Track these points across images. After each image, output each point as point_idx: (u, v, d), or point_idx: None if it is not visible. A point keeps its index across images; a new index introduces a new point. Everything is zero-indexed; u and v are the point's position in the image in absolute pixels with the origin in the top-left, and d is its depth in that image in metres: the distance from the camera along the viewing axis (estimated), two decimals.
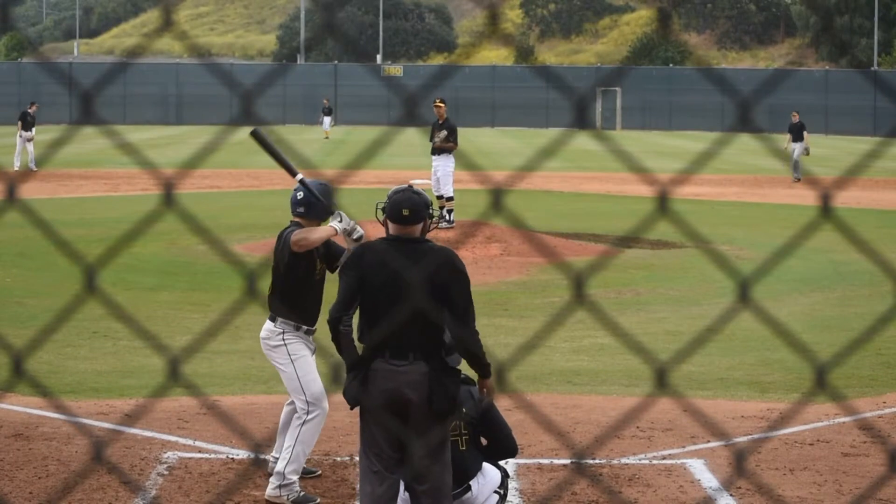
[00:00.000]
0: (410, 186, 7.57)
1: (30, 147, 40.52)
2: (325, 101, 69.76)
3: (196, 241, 22.36)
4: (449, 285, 7.16)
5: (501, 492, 8.19)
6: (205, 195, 32.34)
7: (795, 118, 39.46)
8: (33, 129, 40.81)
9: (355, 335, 7.37)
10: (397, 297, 7.24)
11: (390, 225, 7.42)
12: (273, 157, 8.93)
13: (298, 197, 8.99)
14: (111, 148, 43.95)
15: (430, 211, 7.54)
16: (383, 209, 7.53)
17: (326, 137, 63.67)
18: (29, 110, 40.96)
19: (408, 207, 7.36)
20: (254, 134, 8.82)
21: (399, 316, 7.17)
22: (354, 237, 8.63)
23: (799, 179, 39.13)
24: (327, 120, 67.04)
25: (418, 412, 7.19)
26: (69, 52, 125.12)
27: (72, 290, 17.36)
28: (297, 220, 9.01)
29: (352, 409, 7.40)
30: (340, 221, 8.60)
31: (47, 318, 15.47)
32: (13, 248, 21.93)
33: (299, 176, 8.92)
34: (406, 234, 7.35)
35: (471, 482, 7.97)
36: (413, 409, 7.19)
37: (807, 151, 39.30)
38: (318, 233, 8.71)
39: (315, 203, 8.93)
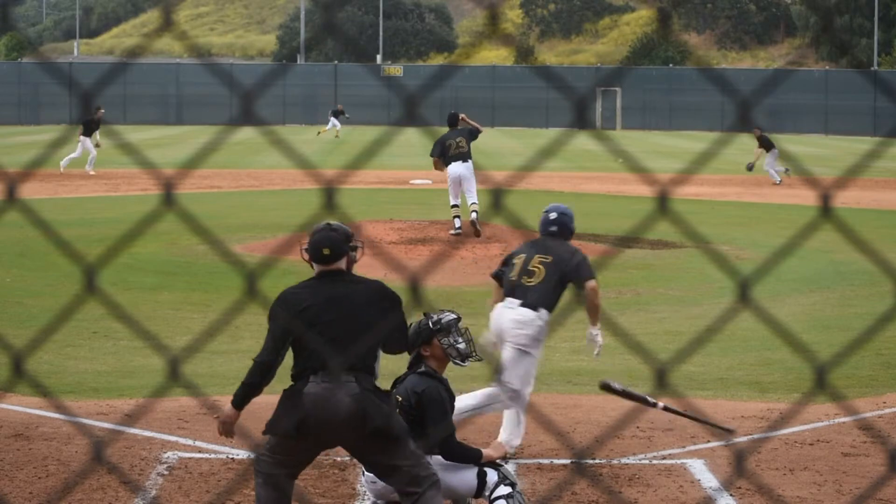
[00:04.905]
0: (328, 224, 7.49)
1: (81, 150, 39.35)
2: (338, 107, 69.26)
3: (196, 241, 22.34)
4: (385, 313, 7.27)
5: (509, 480, 8.11)
6: (205, 195, 32.32)
7: (757, 133, 38.90)
8: (96, 134, 39.68)
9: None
10: (331, 327, 7.23)
11: (314, 265, 7.44)
12: (628, 398, 9.23)
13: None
14: (111, 148, 43.90)
15: (352, 243, 7.51)
16: (306, 250, 7.49)
17: (320, 135, 63.67)
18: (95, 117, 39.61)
19: (327, 246, 7.38)
20: (604, 387, 9.17)
21: (336, 339, 7.18)
22: None
23: (780, 182, 38.60)
24: (334, 121, 66.89)
25: (354, 432, 7.15)
26: (69, 52, 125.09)
27: (72, 290, 17.35)
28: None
29: (291, 438, 7.24)
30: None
31: (47, 318, 15.46)
32: (13, 248, 21.92)
33: (660, 405, 9.17)
34: (331, 271, 7.39)
35: None
36: (348, 429, 7.16)
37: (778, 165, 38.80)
38: None
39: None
